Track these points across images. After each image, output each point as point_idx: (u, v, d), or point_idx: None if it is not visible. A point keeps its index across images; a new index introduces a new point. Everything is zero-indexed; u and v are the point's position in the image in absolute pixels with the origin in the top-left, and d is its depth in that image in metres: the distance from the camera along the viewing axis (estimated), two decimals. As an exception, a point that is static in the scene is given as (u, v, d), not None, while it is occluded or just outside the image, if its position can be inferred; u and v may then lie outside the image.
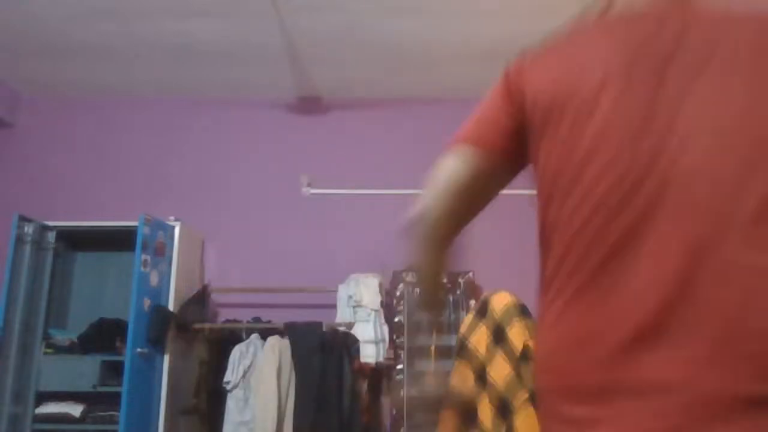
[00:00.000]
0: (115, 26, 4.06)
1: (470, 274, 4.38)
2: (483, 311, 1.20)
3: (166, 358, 4.02)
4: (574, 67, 0.99)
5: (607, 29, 1.04)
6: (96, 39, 4.21)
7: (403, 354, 4.24)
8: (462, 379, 1.16)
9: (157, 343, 3.96)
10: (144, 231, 4.00)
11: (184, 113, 5.03)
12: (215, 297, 4.58)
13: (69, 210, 4.66)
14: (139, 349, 3.80)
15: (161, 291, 4.13)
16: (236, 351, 3.97)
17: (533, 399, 1.06)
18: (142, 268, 3.97)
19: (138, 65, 4.58)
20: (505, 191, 4.86)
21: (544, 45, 1.13)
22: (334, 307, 4.36)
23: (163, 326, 3.97)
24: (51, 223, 4.45)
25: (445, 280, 1.47)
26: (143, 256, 3.98)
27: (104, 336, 4.22)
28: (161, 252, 4.17)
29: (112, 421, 3.89)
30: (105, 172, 4.88)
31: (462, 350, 1.19)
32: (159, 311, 4.00)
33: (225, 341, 4.15)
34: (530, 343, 1.11)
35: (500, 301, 1.19)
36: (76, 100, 5.03)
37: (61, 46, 4.30)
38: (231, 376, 3.91)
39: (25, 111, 5.01)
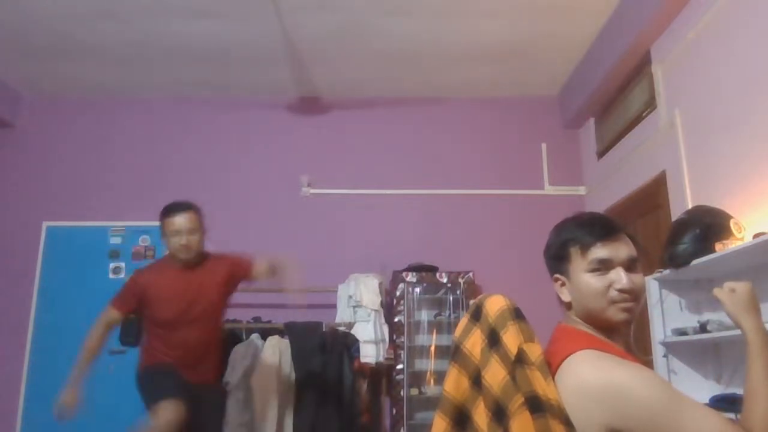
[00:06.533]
0: (115, 26, 4.06)
1: (470, 274, 4.38)
2: (477, 315, 1.20)
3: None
4: None
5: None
6: (96, 39, 4.21)
7: (403, 354, 4.24)
8: (456, 384, 1.16)
9: (128, 344, 3.98)
10: (113, 241, 4.31)
11: (184, 113, 5.03)
12: (215, 297, 4.57)
13: (68, 210, 4.67)
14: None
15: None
16: (236, 351, 3.97)
17: (529, 403, 1.05)
18: (111, 276, 4.50)
19: (138, 65, 4.58)
20: (505, 192, 4.88)
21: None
22: (334, 307, 4.36)
23: (130, 327, 4.00)
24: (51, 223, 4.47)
25: None
26: (113, 264, 4.56)
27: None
28: (141, 257, 4.36)
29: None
30: (105, 172, 4.88)
31: (456, 354, 1.19)
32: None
33: (225, 341, 4.14)
34: (525, 347, 1.11)
35: (494, 305, 1.18)
36: (76, 100, 5.03)
37: (61, 46, 4.31)
38: (231, 376, 3.90)
39: (25, 111, 5.02)
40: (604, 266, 1.18)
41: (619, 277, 1.17)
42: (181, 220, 2.89)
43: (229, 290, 3.05)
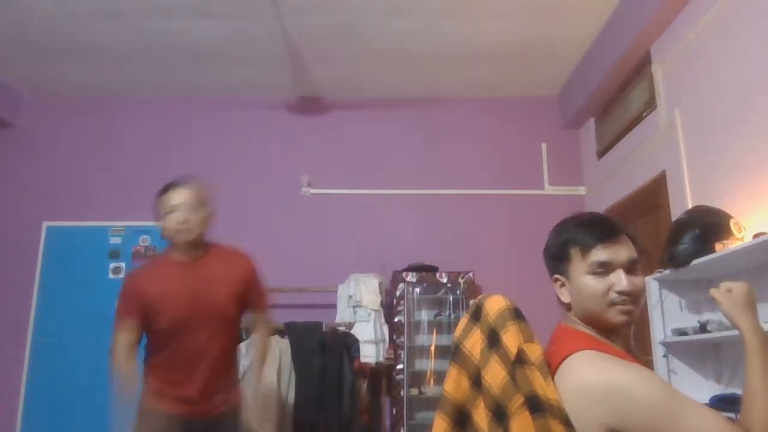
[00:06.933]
0: (115, 26, 4.06)
1: (470, 274, 4.38)
2: (477, 315, 1.20)
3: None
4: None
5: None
6: (96, 39, 4.21)
7: (403, 354, 4.24)
8: (455, 384, 1.16)
9: None
10: (113, 241, 4.35)
11: (184, 113, 5.03)
12: (215, 297, 4.57)
13: (68, 210, 4.67)
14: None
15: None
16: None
17: (528, 403, 1.05)
18: (111, 276, 4.52)
19: (138, 65, 4.58)
20: (505, 192, 4.90)
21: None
22: (334, 307, 4.36)
23: None
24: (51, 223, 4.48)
25: None
26: (113, 264, 4.58)
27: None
28: (141, 257, 4.40)
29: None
30: (105, 172, 4.88)
31: (456, 354, 1.19)
32: None
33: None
34: (524, 347, 1.11)
35: (494, 305, 1.18)
36: (76, 100, 5.03)
37: (61, 46, 4.31)
38: (231, 376, 3.90)
39: (25, 111, 5.02)
40: (604, 268, 1.18)
41: (619, 279, 1.17)
42: (178, 195, 2.38)
43: (240, 299, 2.48)
